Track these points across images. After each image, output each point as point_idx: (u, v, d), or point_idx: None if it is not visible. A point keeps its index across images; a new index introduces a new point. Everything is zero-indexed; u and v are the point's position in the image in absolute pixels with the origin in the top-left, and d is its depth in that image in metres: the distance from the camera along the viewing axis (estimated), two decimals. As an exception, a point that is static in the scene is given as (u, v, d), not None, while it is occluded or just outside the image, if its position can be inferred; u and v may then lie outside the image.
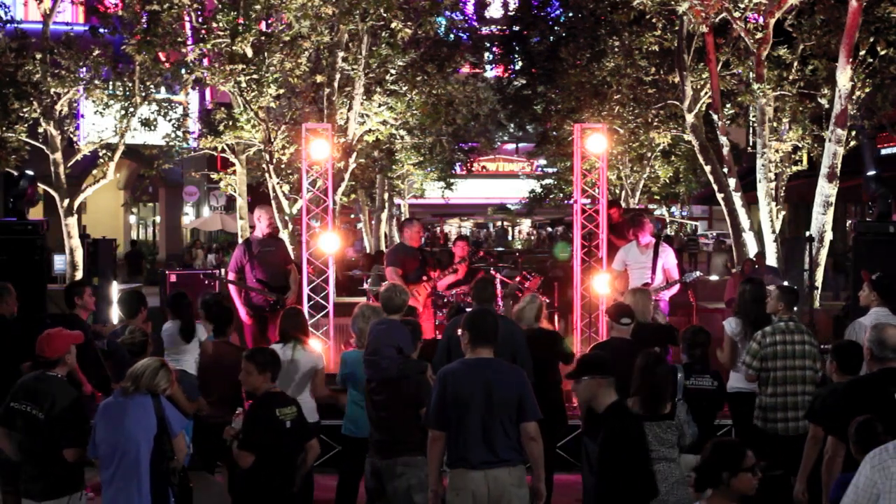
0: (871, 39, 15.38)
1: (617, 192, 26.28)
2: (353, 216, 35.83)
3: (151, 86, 17.94)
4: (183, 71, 17.53)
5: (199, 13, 17.34)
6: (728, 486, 4.12)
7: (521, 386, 5.52)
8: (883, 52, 15.49)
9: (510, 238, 55.74)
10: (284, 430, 5.77)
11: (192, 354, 8.12)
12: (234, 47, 16.04)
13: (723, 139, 17.39)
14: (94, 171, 18.43)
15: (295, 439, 5.87)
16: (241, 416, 6.04)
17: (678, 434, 5.95)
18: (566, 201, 31.44)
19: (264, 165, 17.91)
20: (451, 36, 24.09)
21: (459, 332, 5.82)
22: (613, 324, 7.27)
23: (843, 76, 14.15)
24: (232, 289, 10.08)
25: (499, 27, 29.08)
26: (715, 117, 17.69)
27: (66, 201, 17.63)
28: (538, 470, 5.56)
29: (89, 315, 8.49)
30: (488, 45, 28.38)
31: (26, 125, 17.03)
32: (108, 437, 5.49)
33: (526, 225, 58.31)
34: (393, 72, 17.24)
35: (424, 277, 10.56)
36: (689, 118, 18.31)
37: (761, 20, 15.81)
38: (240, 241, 21.93)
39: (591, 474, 7.15)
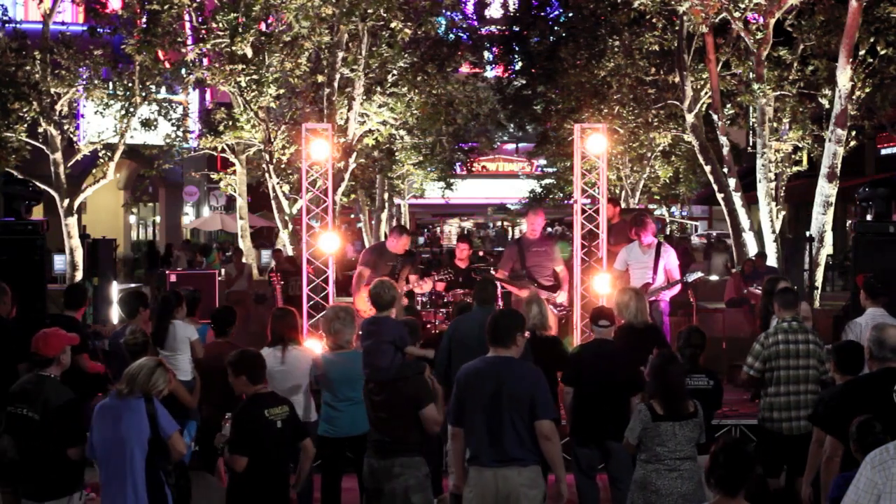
0: (871, 39, 15.38)
1: (617, 192, 26.25)
2: (353, 216, 35.81)
3: (151, 86, 17.93)
4: (183, 71, 17.54)
5: (198, 13, 17.35)
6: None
7: (534, 384, 5.45)
8: (883, 52, 15.49)
9: (510, 238, 55.72)
10: (276, 430, 5.71)
11: (185, 354, 8.08)
12: (233, 47, 16.05)
13: (723, 139, 17.39)
14: (94, 171, 18.41)
15: (287, 439, 5.81)
16: (230, 421, 5.99)
17: (700, 432, 5.97)
18: (566, 201, 31.41)
19: (264, 165, 17.92)
20: (451, 36, 24.08)
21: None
22: (593, 326, 7.36)
23: (843, 76, 14.15)
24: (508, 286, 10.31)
25: (498, 27, 29.04)
26: (715, 117, 17.70)
27: (66, 201, 17.62)
28: (557, 470, 5.48)
29: (83, 315, 8.47)
30: (488, 45, 28.36)
31: (26, 125, 17.02)
32: (103, 439, 5.49)
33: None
34: (395, 72, 17.25)
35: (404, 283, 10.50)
36: (689, 118, 18.31)
37: (761, 20, 15.81)
38: (240, 241, 22.01)
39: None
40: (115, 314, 11.57)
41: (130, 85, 17.48)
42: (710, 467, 4.23)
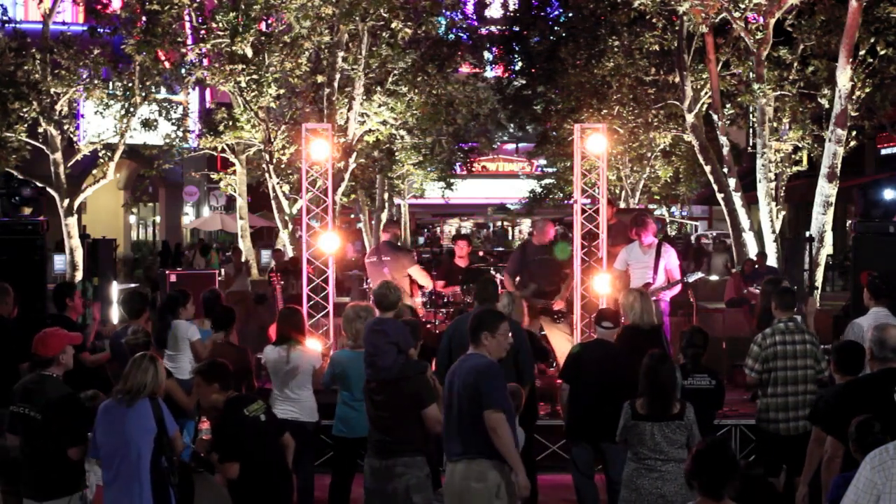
0: (871, 39, 15.39)
1: (617, 192, 26.25)
2: (353, 216, 35.80)
3: (151, 86, 17.93)
4: (183, 71, 17.54)
5: (198, 13, 17.35)
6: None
7: (481, 376, 5.46)
8: (883, 52, 15.50)
9: (510, 238, 55.68)
10: (261, 423, 5.73)
11: (186, 354, 8.08)
12: (233, 47, 16.05)
13: (723, 139, 17.40)
14: (94, 171, 18.41)
15: (273, 432, 5.86)
16: (205, 423, 5.91)
17: (688, 435, 5.96)
18: (566, 201, 31.40)
19: (264, 165, 17.93)
20: (451, 36, 24.08)
21: None
22: (597, 327, 7.38)
23: (843, 76, 14.15)
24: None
25: (498, 27, 29.02)
26: (715, 117, 17.71)
27: (66, 201, 17.61)
28: (511, 463, 5.45)
29: (79, 317, 8.48)
30: (488, 45, 28.35)
31: (26, 125, 17.01)
32: (108, 439, 5.50)
33: (526, 225, 58.19)
34: (396, 73, 17.25)
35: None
36: (689, 118, 18.31)
37: (761, 20, 15.82)
38: (240, 241, 22.01)
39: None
40: (115, 314, 11.58)
41: (130, 85, 17.48)
42: (690, 469, 4.11)
